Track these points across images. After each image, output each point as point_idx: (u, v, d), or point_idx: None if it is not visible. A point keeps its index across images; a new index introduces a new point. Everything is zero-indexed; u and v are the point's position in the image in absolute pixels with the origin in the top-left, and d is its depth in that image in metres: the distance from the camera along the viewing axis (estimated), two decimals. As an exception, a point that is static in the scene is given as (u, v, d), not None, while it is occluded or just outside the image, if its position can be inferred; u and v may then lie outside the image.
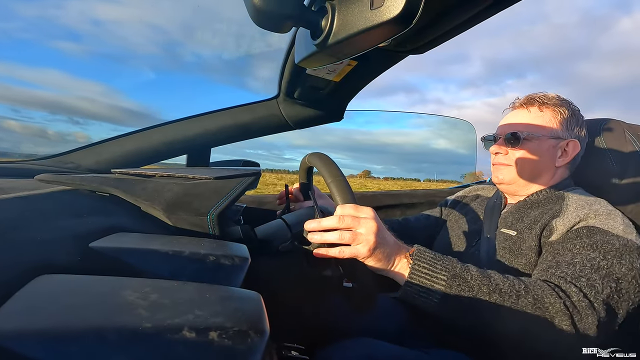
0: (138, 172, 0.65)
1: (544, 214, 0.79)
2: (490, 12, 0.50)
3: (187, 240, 0.47)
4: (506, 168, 0.88)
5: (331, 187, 0.65)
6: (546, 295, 0.59)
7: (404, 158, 16.70)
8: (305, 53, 0.44)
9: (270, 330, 0.29)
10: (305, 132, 2.22)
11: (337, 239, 0.60)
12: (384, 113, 2.16)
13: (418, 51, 0.67)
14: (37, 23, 51.46)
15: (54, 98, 39.46)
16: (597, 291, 0.60)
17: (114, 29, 45.71)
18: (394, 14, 0.32)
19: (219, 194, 0.58)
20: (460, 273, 0.60)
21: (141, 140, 0.94)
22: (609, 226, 0.69)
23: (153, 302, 0.28)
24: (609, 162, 0.90)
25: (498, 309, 0.58)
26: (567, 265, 0.64)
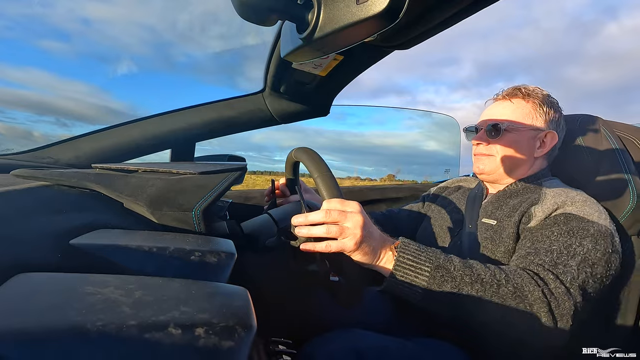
0: (120, 167, 0.64)
1: (523, 202, 0.81)
2: (476, 7, 0.50)
3: (171, 236, 0.47)
4: (487, 158, 0.91)
5: (318, 182, 0.65)
6: (525, 284, 0.61)
7: (394, 160, 17.08)
8: (291, 47, 0.44)
9: (257, 326, 0.29)
10: (296, 134, 2.21)
11: (324, 232, 0.60)
12: (375, 114, 2.19)
13: (404, 46, 0.67)
14: (21, 22, 47.68)
15: (40, 98, 37.13)
16: (573, 277, 0.63)
17: (101, 27, 42.81)
18: (380, 9, 0.32)
19: (204, 189, 0.58)
20: (443, 264, 0.62)
21: (123, 134, 0.92)
22: (584, 212, 0.72)
23: (137, 299, 0.28)
24: (585, 156, 0.93)
25: (480, 298, 0.60)
26: (545, 252, 0.67)
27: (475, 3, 0.49)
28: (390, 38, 0.64)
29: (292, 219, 0.64)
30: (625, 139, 0.95)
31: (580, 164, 0.93)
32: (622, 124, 1.00)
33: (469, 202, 0.96)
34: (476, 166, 0.94)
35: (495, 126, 0.87)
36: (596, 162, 0.91)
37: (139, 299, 0.28)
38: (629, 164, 0.87)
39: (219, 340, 0.26)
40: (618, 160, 0.88)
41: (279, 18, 0.39)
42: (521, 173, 0.89)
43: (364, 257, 0.62)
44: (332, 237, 0.60)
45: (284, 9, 0.38)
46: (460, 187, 1.09)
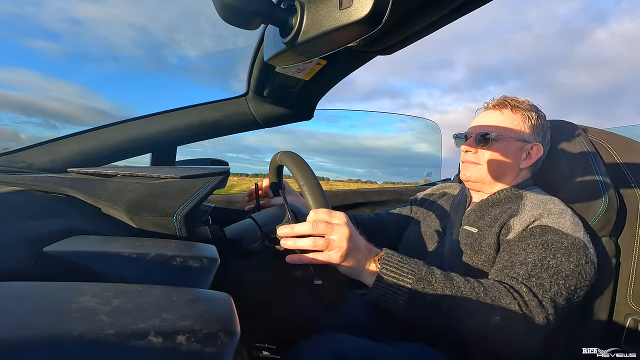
0: (98, 172, 0.62)
1: (504, 213, 0.83)
2: (458, 14, 0.52)
3: (152, 242, 0.46)
4: (474, 166, 0.92)
5: (304, 191, 0.64)
6: (502, 297, 0.64)
7: (386, 162, 17.26)
8: (275, 51, 0.44)
9: (241, 331, 0.28)
10: (288, 136, 2.19)
11: (310, 245, 0.61)
12: (368, 117, 2.23)
13: (386, 52, 0.68)
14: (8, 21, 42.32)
15: (26, 99, 33.83)
16: (545, 290, 0.66)
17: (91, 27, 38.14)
18: (362, 15, 0.32)
19: (186, 194, 0.57)
20: (425, 276, 0.64)
21: (101, 137, 0.89)
22: (559, 225, 0.75)
23: (115, 308, 0.27)
24: (561, 161, 0.97)
25: (459, 310, 0.62)
26: (520, 265, 0.70)
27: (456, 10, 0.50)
28: (373, 43, 0.65)
29: (278, 229, 0.64)
30: (597, 144, 0.99)
31: (556, 169, 0.97)
32: (594, 128, 1.04)
33: (453, 209, 0.98)
34: (463, 173, 0.96)
35: (484, 135, 0.89)
36: (571, 166, 0.95)
37: (117, 307, 0.27)
38: (601, 168, 0.91)
39: (202, 347, 0.25)
40: (591, 165, 0.91)
41: (262, 22, 0.39)
42: (506, 183, 0.92)
43: (349, 268, 0.63)
44: (318, 249, 0.61)
45: (267, 13, 0.38)
46: (445, 194, 1.11)
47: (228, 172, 0.69)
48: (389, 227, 1.13)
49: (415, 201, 1.17)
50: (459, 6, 0.50)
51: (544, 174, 0.97)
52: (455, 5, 0.49)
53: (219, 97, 0.99)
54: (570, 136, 0.98)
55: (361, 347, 0.67)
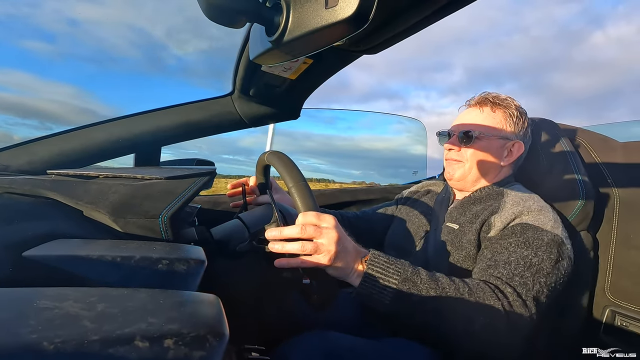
0: (79, 173, 0.60)
1: (484, 210, 0.85)
2: (443, 13, 0.52)
3: (136, 245, 0.45)
4: (457, 164, 0.94)
5: (293, 193, 0.64)
6: (487, 298, 0.65)
7: (382, 163, 17.28)
8: (260, 50, 0.44)
9: (230, 333, 0.28)
10: (285, 137, 2.18)
11: (298, 249, 0.60)
12: (365, 119, 2.23)
13: (372, 51, 0.69)
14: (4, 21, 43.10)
15: (21, 100, 33.49)
16: (529, 288, 0.68)
17: (88, 28, 40.17)
18: (348, 14, 0.32)
19: (172, 195, 0.56)
20: (410, 277, 0.65)
21: (82, 138, 0.87)
22: (539, 222, 0.77)
23: (100, 313, 0.26)
24: (541, 158, 0.99)
25: (444, 310, 0.63)
26: (504, 264, 0.71)
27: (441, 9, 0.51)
28: (359, 42, 0.66)
29: (266, 233, 0.64)
30: (575, 141, 1.02)
31: (536, 166, 0.99)
32: (573, 127, 1.08)
33: (437, 206, 1.00)
34: (447, 172, 0.97)
35: (467, 133, 0.90)
36: (550, 163, 0.97)
37: (101, 311, 0.27)
38: (579, 165, 0.94)
39: (190, 350, 0.25)
40: (569, 162, 0.94)
41: (248, 20, 0.39)
42: (488, 180, 0.94)
43: (337, 271, 0.63)
44: (306, 253, 0.61)
45: (252, 12, 0.38)
46: (429, 191, 1.12)
47: (214, 172, 0.68)
48: (376, 225, 1.14)
49: (401, 198, 1.18)
50: (444, 5, 0.50)
51: (524, 171, 0.99)
52: (440, 5, 0.50)
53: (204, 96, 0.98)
54: (550, 134, 1.01)
55: (349, 343, 0.67)
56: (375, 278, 0.63)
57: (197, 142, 0.87)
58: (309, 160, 3.02)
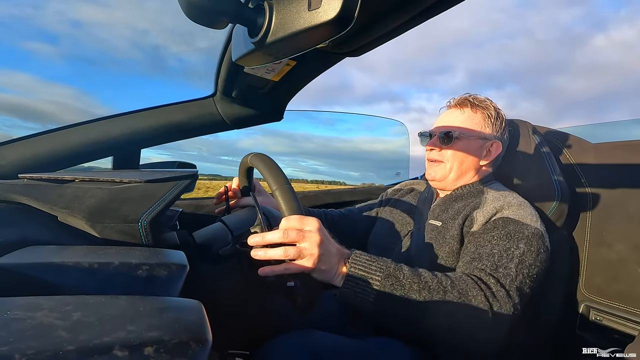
0: (53, 177, 0.58)
1: (466, 206, 0.88)
2: (426, 16, 0.53)
3: (115, 251, 0.43)
4: (438, 165, 0.96)
5: (276, 196, 0.63)
6: (470, 289, 0.66)
7: (381, 165, 17.38)
8: (243, 51, 0.43)
9: (213, 339, 0.27)
10: (285, 139, 2.16)
11: (281, 255, 0.60)
12: (365, 121, 2.23)
13: (355, 53, 0.69)
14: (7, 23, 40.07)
15: (21, 101, 31.50)
16: (512, 279, 0.69)
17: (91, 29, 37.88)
18: (331, 17, 0.32)
19: (152, 199, 0.54)
20: (393, 273, 0.65)
21: (56, 140, 0.84)
22: (519, 216, 0.80)
23: (76, 322, 0.25)
24: (519, 158, 1.03)
25: (427, 304, 0.64)
26: (487, 256, 0.73)
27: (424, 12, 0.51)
28: (342, 44, 0.66)
29: (249, 239, 0.63)
30: (551, 142, 1.06)
31: (514, 165, 1.02)
32: (548, 128, 1.12)
33: (419, 204, 1.02)
34: (428, 173, 0.99)
35: (447, 133, 0.93)
36: (528, 164, 1.01)
37: (77, 321, 0.26)
38: (555, 165, 0.98)
39: (172, 358, 0.24)
40: (545, 163, 0.98)
41: (230, 21, 0.38)
42: (468, 179, 0.96)
43: (322, 274, 0.63)
44: (289, 259, 0.60)
45: (234, 13, 0.37)
46: (412, 190, 1.15)
47: (196, 175, 0.67)
48: (360, 224, 1.15)
49: (385, 197, 1.20)
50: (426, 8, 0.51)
51: (503, 170, 1.02)
52: (423, 8, 0.51)
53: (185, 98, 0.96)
54: (527, 135, 1.04)
55: (332, 342, 0.67)
56: (358, 277, 0.64)
57: (197, 144, 0.85)
58: (307, 162, 3.03)
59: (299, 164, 6.62)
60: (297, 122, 2.26)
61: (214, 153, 4.99)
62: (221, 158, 5.04)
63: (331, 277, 0.64)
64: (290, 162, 8.41)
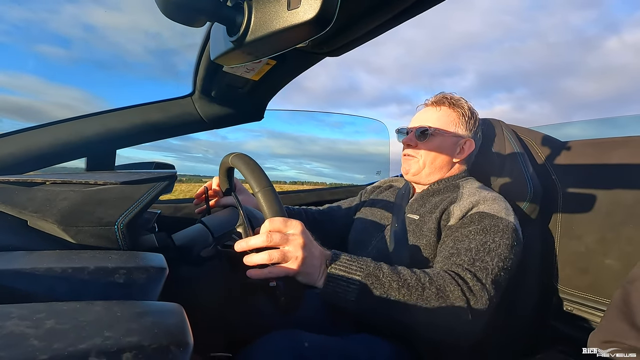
0: (22, 179, 0.55)
1: (443, 200, 0.91)
2: (406, 16, 0.54)
3: (89, 255, 0.42)
4: (413, 160, 1.00)
5: (259, 198, 0.63)
6: (447, 284, 0.68)
7: (386, 167, 17.42)
8: (222, 50, 0.43)
9: (195, 342, 0.27)
10: (290, 142, 2.15)
11: (265, 260, 0.60)
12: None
13: (335, 53, 0.70)
14: (21, 26, 37.26)
15: (31, 104, 29.45)
16: (488, 272, 0.71)
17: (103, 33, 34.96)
18: (311, 16, 0.32)
19: (128, 201, 0.53)
20: (373, 272, 0.66)
21: (26, 141, 0.80)
22: (494, 210, 0.83)
23: (49, 330, 0.24)
24: (494, 156, 1.06)
25: (407, 301, 0.65)
26: (465, 251, 0.75)
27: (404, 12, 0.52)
28: (322, 44, 0.66)
29: (235, 245, 0.62)
30: (524, 140, 1.10)
31: (490, 164, 1.06)
32: (520, 127, 1.16)
33: (398, 200, 1.05)
34: (403, 167, 1.03)
35: (423, 131, 0.96)
36: (502, 161, 1.04)
37: (51, 328, 0.25)
38: (527, 162, 1.02)
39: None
40: (518, 160, 1.01)
41: (208, 20, 0.38)
42: (442, 174, 1.00)
43: (305, 276, 0.63)
44: (274, 262, 0.60)
45: (212, 11, 0.37)
46: (391, 186, 1.17)
47: (175, 176, 0.65)
48: (340, 220, 1.17)
49: (364, 194, 1.22)
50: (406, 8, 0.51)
51: (479, 168, 1.06)
52: (402, 8, 0.51)
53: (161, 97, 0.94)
54: (501, 134, 1.08)
55: (316, 341, 0.68)
56: (339, 277, 0.64)
57: (203, 146, 0.81)
58: (312, 164, 3.05)
59: (304, 167, 6.65)
60: (305, 124, 2.30)
61: (220, 155, 4.95)
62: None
63: (314, 279, 0.65)
64: (294, 164, 8.39)
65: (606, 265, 0.91)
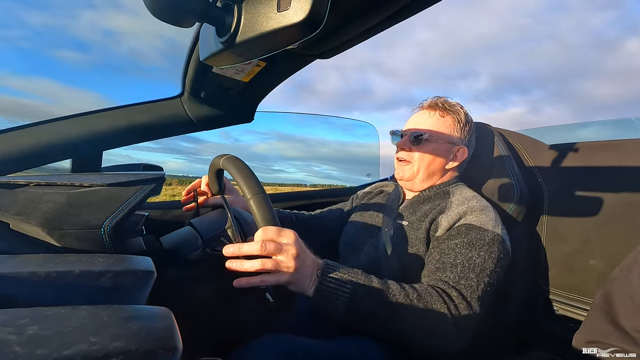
0: (4, 181, 0.54)
1: (433, 209, 0.91)
2: (397, 19, 0.54)
3: (75, 259, 0.41)
4: (407, 165, 0.99)
5: (251, 205, 0.61)
6: (434, 302, 0.69)
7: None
8: (211, 50, 0.42)
9: (183, 346, 0.27)
10: (300, 144, 2.13)
11: (258, 268, 0.59)
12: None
13: (325, 56, 0.70)
14: (40, 31, 35.20)
15: (45, 108, 27.44)
16: (473, 290, 0.73)
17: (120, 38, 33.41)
18: (300, 18, 0.32)
19: (115, 203, 0.52)
20: (363, 284, 0.67)
21: (8, 141, 0.78)
22: (481, 221, 0.83)
23: (32, 336, 0.24)
24: (482, 159, 1.08)
25: (395, 315, 0.66)
26: (451, 267, 0.76)
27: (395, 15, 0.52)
28: (312, 46, 0.66)
29: (224, 249, 0.61)
30: (510, 144, 1.12)
31: (478, 167, 1.07)
32: (507, 130, 1.18)
33: (388, 205, 1.04)
34: (397, 172, 1.02)
35: (418, 136, 0.95)
36: (490, 164, 1.06)
37: (34, 334, 0.24)
38: (514, 165, 1.03)
39: (139, 368, 0.23)
40: (506, 163, 1.03)
41: (197, 20, 0.38)
42: (434, 180, 1.00)
43: (296, 285, 0.63)
44: (266, 271, 0.60)
45: (201, 12, 0.37)
46: (382, 191, 1.17)
47: (163, 178, 0.64)
48: (330, 225, 1.16)
49: (355, 199, 1.22)
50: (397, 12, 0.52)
51: (467, 170, 1.07)
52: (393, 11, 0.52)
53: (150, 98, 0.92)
54: (489, 137, 1.09)
55: (306, 345, 0.67)
56: (329, 288, 0.65)
57: (212, 148, 0.78)
58: (321, 166, 3.03)
59: (312, 169, 6.42)
60: (315, 127, 2.32)
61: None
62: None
63: (305, 288, 0.65)
64: (303, 166, 8.14)
65: (590, 265, 0.93)
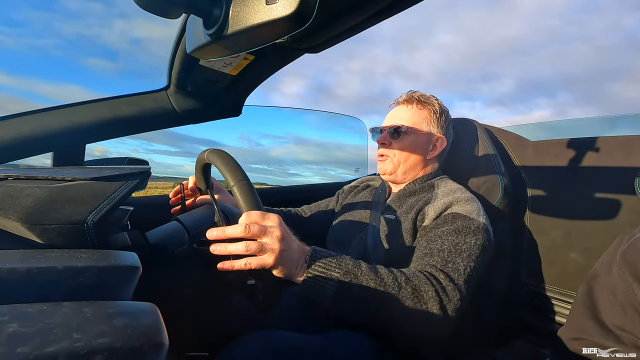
0: (-19, 175, 0.52)
1: (419, 201, 0.93)
2: (386, 14, 0.54)
3: (57, 254, 0.40)
4: (387, 159, 1.02)
5: (235, 192, 0.61)
6: (422, 284, 0.70)
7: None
8: (198, 43, 0.42)
9: (170, 342, 0.26)
10: (316, 148, 2.12)
11: (242, 250, 0.59)
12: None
13: (314, 50, 0.69)
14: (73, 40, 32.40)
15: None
16: (460, 273, 0.74)
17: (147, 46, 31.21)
18: (289, 12, 0.32)
19: (99, 197, 0.51)
20: (351, 269, 0.67)
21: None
22: (467, 211, 0.85)
23: (12, 334, 0.23)
24: (467, 155, 1.09)
25: (383, 299, 0.67)
26: (438, 252, 0.78)
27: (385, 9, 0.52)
28: (301, 40, 0.66)
29: (207, 232, 0.60)
30: (495, 140, 1.14)
31: (463, 162, 1.09)
32: (492, 126, 1.20)
33: (375, 200, 1.06)
34: (379, 167, 1.04)
35: (396, 129, 0.98)
36: (475, 159, 1.07)
37: (14, 332, 0.23)
38: (499, 161, 1.05)
39: (124, 365, 0.23)
40: (491, 159, 1.05)
41: (184, 11, 0.37)
42: (417, 173, 1.02)
43: (282, 270, 0.63)
44: (250, 254, 0.59)
45: (188, 2, 0.36)
46: (368, 186, 1.18)
47: (148, 172, 0.63)
48: (318, 220, 1.18)
49: (342, 194, 1.23)
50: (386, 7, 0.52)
51: (453, 165, 1.09)
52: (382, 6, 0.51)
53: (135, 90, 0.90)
54: (474, 133, 1.11)
55: (293, 341, 0.68)
56: (317, 273, 0.65)
57: (233, 152, 0.76)
58: (336, 170, 3.02)
59: (328, 173, 6.30)
60: (332, 131, 2.33)
61: (248, 161, 4.57)
62: (251, 166, 4.60)
63: (292, 273, 0.64)
64: (319, 170, 7.89)
65: (571, 258, 0.96)
